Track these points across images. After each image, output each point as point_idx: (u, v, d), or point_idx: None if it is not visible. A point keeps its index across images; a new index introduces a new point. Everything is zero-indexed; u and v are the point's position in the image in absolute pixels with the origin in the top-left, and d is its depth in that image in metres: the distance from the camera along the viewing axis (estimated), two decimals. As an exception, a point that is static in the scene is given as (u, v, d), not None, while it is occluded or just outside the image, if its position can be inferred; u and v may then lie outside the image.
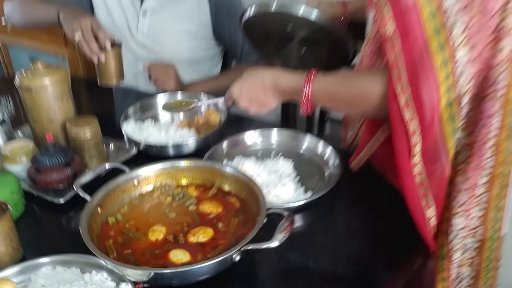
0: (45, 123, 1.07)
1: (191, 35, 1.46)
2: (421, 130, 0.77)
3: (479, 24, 0.73)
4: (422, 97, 0.75)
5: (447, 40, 0.73)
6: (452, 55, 0.74)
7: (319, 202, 0.93)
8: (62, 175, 0.99)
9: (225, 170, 0.91)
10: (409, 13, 0.73)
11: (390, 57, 0.76)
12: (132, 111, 1.24)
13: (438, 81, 0.74)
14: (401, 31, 0.74)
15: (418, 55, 0.74)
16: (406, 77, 0.75)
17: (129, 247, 0.79)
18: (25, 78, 1.04)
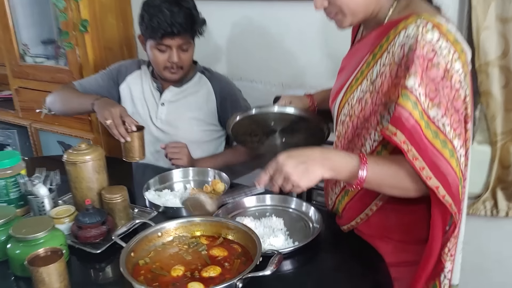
0: (84, 191, 1.34)
1: (201, 121, 1.78)
2: (457, 208, 0.99)
3: (456, 119, 1.00)
4: (449, 182, 0.97)
5: (446, 138, 0.98)
6: (454, 147, 0.98)
7: (303, 250, 1.17)
8: (99, 231, 1.24)
9: (230, 223, 1.17)
10: (415, 130, 0.96)
11: (415, 164, 0.97)
12: (152, 182, 1.52)
13: (454, 167, 0.98)
14: (415, 145, 0.97)
15: (432, 156, 0.97)
16: (433, 175, 0.97)
17: (156, 281, 1.03)
18: (71, 154, 1.32)
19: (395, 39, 1.03)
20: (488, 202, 1.60)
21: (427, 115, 0.97)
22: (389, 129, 0.99)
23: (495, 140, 1.55)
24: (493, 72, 1.50)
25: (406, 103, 0.97)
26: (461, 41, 1.00)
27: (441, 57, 0.97)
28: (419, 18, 0.99)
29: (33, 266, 1.02)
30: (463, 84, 0.99)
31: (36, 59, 2.37)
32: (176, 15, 1.61)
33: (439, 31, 0.97)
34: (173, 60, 1.68)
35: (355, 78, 1.14)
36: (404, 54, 1.00)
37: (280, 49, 1.91)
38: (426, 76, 0.97)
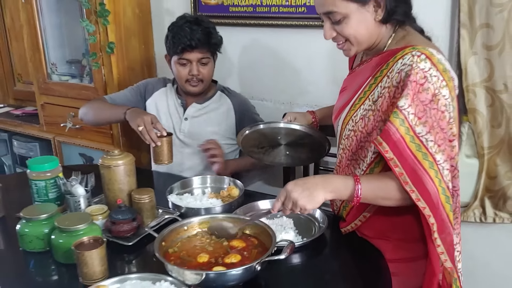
0: (116, 192, 1.50)
1: (220, 135, 1.96)
2: (433, 214, 1.13)
3: (441, 137, 1.16)
4: (427, 190, 1.13)
5: (427, 152, 1.13)
6: (435, 160, 1.13)
7: (311, 245, 1.33)
8: (130, 226, 1.40)
9: (247, 219, 1.33)
10: (399, 142, 1.13)
11: (395, 170, 1.13)
12: (175, 187, 1.68)
13: (432, 177, 1.13)
14: (397, 154, 1.13)
15: (413, 165, 1.12)
16: (410, 180, 1.12)
17: (184, 266, 1.19)
18: (106, 159, 1.50)
19: (394, 66, 1.20)
20: (477, 210, 1.76)
21: (413, 130, 1.13)
22: (377, 139, 1.16)
23: (482, 154, 1.72)
24: (480, 92, 1.68)
25: (395, 120, 1.14)
26: (449, 69, 1.18)
27: (431, 84, 1.14)
28: (415, 49, 1.17)
29: (79, 251, 1.19)
30: (448, 107, 1.16)
31: (62, 77, 2.57)
32: (195, 32, 1.81)
33: (431, 62, 1.15)
34: (193, 73, 1.86)
35: (358, 97, 1.31)
36: (401, 79, 1.17)
37: (288, 71, 2.11)
38: (417, 98, 1.14)
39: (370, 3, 1.21)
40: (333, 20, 1.25)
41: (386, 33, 1.28)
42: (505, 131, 1.68)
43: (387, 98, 1.22)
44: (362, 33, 1.25)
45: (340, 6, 1.21)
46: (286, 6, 1.97)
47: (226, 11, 2.12)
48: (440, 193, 1.15)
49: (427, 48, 1.17)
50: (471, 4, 1.62)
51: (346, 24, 1.23)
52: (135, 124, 1.70)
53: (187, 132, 1.96)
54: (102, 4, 2.09)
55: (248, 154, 1.70)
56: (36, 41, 2.46)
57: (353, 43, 1.27)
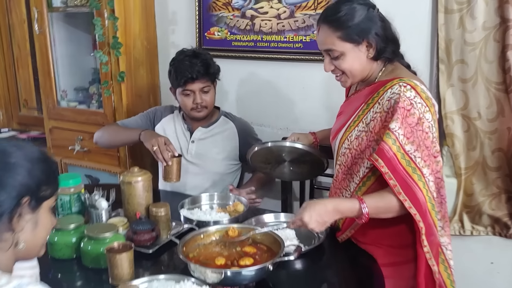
0: (136, 206, 1.66)
1: (224, 157, 2.14)
2: (422, 219, 1.33)
3: (427, 154, 1.37)
4: (418, 199, 1.33)
5: (416, 166, 1.33)
6: (422, 173, 1.34)
7: (312, 253, 1.49)
8: (149, 236, 1.55)
9: (257, 229, 1.51)
10: (392, 159, 1.33)
11: (390, 182, 1.33)
12: (185, 202, 1.84)
13: (420, 188, 1.33)
14: (391, 169, 1.33)
15: (405, 178, 1.32)
16: (402, 191, 1.32)
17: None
18: (126, 176, 1.66)
19: (384, 94, 1.42)
20: (456, 224, 1.96)
21: (403, 149, 1.34)
22: (373, 156, 1.37)
23: (460, 173, 1.93)
24: (457, 119, 1.91)
25: (388, 140, 1.35)
26: (430, 97, 1.41)
27: (416, 109, 1.36)
28: (402, 80, 1.39)
29: (111, 253, 1.34)
30: (431, 128, 1.38)
31: (70, 103, 2.73)
32: (195, 65, 2.00)
33: (415, 91, 1.37)
34: (197, 102, 2.04)
35: (353, 120, 1.52)
36: (391, 105, 1.39)
37: (285, 100, 2.31)
38: (405, 121, 1.35)
39: (363, 44, 1.44)
40: (332, 56, 1.47)
41: (377, 68, 1.50)
42: (479, 153, 1.90)
43: (379, 121, 1.42)
44: (356, 68, 1.47)
45: (338, 45, 1.44)
46: (284, 42, 2.19)
47: (229, 45, 2.33)
48: (427, 201, 1.35)
49: (412, 80, 1.40)
50: (448, 43, 1.87)
51: (343, 60, 1.46)
52: (149, 144, 1.86)
53: (194, 153, 2.14)
54: (116, 37, 2.29)
55: (256, 169, 1.89)
56: (48, 69, 2.63)
57: (348, 76, 1.49)
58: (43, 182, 0.95)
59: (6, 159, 0.91)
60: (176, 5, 2.50)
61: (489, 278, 1.99)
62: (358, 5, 1.43)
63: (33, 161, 0.94)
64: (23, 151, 0.94)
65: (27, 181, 0.92)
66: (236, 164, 2.19)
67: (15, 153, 0.92)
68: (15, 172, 0.90)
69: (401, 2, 1.91)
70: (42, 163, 0.95)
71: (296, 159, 1.83)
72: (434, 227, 1.38)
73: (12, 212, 0.91)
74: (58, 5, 2.57)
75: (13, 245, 0.93)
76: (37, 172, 0.93)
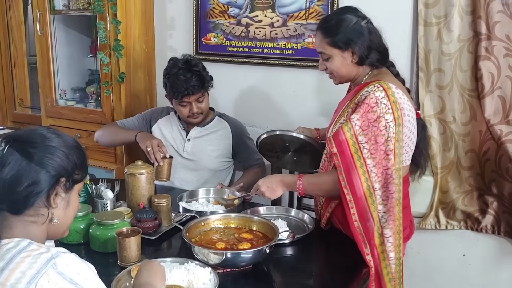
0: (139, 196, 1.78)
1: (218, 154, 2.27)
2: (354, 200, 1.51)
3: (374, 148, 1.52)
4: (353, 182, 1.51)
5: (361, 155, 1.51)
6: (365, 163, 1.51)
7: (301, 241, 1.64)
8: (153, 224, 1.67)
9: (254, 217, 1.65)
10: (343, 143, 1.52)
11: (335, 163, 1.52)
12: (184, 196, 1.97)
13: (359, 174, 1.51)
14: (339, 151, 1.52)
15: (349, 162, 1.51)
16: (343, 173, 1.52)
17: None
18: (131, 168, 1.78)
19: (359, 92, 1.59)
20: (432, 219, 2.13)
21: (356, 138, 1.51)
22: (329, 138, 1.57)
23: (436, 172, 2.11)
24: (434, 122, 2.09)
25: (344, 127, 1.53)
26: (399, 102, 1.53)
27: (379, 109, 1.51)
28: (378, 82, 1.55)
29: (121, 237, 1.46)
30: (388, 128, 1.50)
31: (68, 102, 2.84)
32: (190, 80, 2.08)
33: (385, 93, 1.52)
34: (193, 111, 2.16)
35: (339, 115, 1.68)
36: (359, 101, 1.56)
37: (276, 102, 2.47)
38: (365, 115, 1.52)
39: (348, 50, 1.62)
40: (323, 58, 1.67)
41: (363, 71, 1.67)
42: (454, 154, 2.08)
43: (349, 114, 1.60)
44: (342, 70, 1.67)
45: (327, 49, 1.65)
46: (277, 48, 2.35)
47: (225, 50, 2.48)
48: (364, 188, 1.51)
49: (387, 83, 1.55)
50: (427, 53, 2.05)
51: (331, 62, 1.66)
52: (144, 145, 2.00)
53: (190, 151, 2.27)
54: (117, 40, 2.41)
55: (263, 156, 2.11)
56: (48, 69, 2.74)
57: (336, 77, 1.70)
58: (76, 167, 1.07)
59: (48, 142, 1.03)
60: (174, 11, 2.63)
61: (461, 269, 2.17)
62: (349, 16, 1.62)
63: (69, 147, 1.05)
64: (61, 138, 1.06)
65: (64, 164, 1.03)
66: (228, 161, 2.33)
67: (54, 139, 1.04)
68: (55, 155, 1.02)
69: (385, 15, 2.05)
70: (76, 150, 1.07)
71: (299, 149, 1.99)
72: (369, 213, 1.52)
73: (51, 189, 1.02)
74: (60, 8, 2.68)
75: (48, 220, 1.05)
76: (73, 157, 1.05)
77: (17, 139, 1.03)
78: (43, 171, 1.01)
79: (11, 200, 1.00)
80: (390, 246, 1.54)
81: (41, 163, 1.01)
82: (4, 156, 1.00)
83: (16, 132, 1.08)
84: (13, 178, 0.99)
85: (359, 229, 1.54)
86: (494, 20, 1.89)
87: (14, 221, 1.02)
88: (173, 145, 2.29)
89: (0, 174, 1.00)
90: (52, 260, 0.94)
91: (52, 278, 0.92)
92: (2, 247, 0.98)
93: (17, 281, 0.91)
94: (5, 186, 1.00)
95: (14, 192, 1.00)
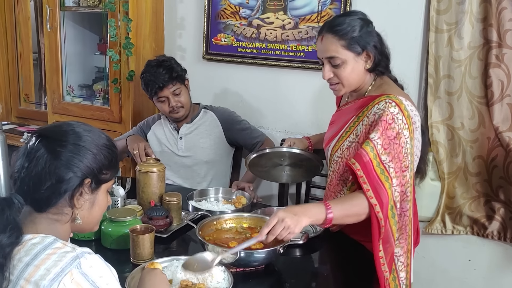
0: (150, 194, 1.79)
1: (212, 145, 2.31)
2: (383, 219, 1.42)
3: (399, 166, 1.48)
4: (383, 203, 1.42)
5: (388, 175, 1.44)
6: (391, 182, 1.44)
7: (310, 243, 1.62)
8: (164, 222, 1.67)
9: (266, 218, 1.65)
10: (368, 164, 1.43)
11: (363, 186, 1.42)
12: (193, 194, 1.98)
13: (389, 195, 1.43)
14: (365, 173, 1.43)
15: (376, 184, 1.42)
16: (374, 196, 1.41)
17: (219, 249, 1.49)
18: (143, 166, 1.79)
19: (372, 109, 1.55)
20: (439, 224, 2.15)
21: (379, 158, 1.47)
22: (351, 160, 1.49)
23: (443, 178, 2.12)
24: (442, 128, 2.10)
25: (366, 147, 1.47)
26: (412, 115, 1.52)
27: (397, 125, 1.49)
28: (388, 97, 1.52)
29: (135, 234, 1.47)
30: (405, 144, 1.49)
31: (74, 99, 2.84)
32: (159, 74, 2.16)
33: (399, 108, 1.50)
34: (172, 105, 2.21)
35: (344, 131, 1.65)
36: (374, 119, 1.52)
37: (285, 104, 2.47)
38: (385, 133, 1.48)
39: (363, 54, 1.58)
40: (333, 64, 1.58)
41: (368, 80, 1.63)
42: (461, 160, 2.10)
43: (364, 133, 1.56)
44: (353, 77, 1.59)
45: (341, 53, 1.56)
46: (287, 50, 2.36)
47: (235, 51, 2.49)
48: (389, 209, 1.45)
49: (398, 97, 1.53)
50: (437, 59, 2.07)
51: (343, 68, 1.57)
52: (131, 148, 2.14)
53: (184, 148, 2.31)
54: (128, 38, 2.41)
55: (254, 174, 2.02)
56: (56, 65, 2.74)
57: (344, 85, 1.61)
58: (104, 167, 1.06)
59: (77, 141, 1.02)
60: (185, 11, 2.64)
61: (466, 274, 2.18)
62: (359, 20, 1.58)
63: (99, 147, 1.04)
64: (91, 136, 1.04)
65: (91, 165, 1.02)
66: (225, 150, 2.36)
67: (85, 137, 1.03)
68: (83, 156, 1.01)
69: (396, 20, 2.10)
70: (106, 149, 1.06)
71: (293, 163, 1.94)
72: (391, 235, 1.48)
73: (75, 190, 1.02)
74: (70, 5, 2.68)
75: (71, 219, 1.05)
76: (101, 157, 1.04)
77: (47, 135, 1.03)
78: (69, 172, 1.00)
79: (35, 198, 1.01)
80: (400, 266, 1.54)
81: (67, 163, 1.00)
82: (33, 152, 1.00)
83: (49, 127, 1.08)
84: (38, 176, 0.99)
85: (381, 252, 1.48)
86: (506, 28, 1.91)
87: (38, 217, 1.02)
88: (168, 147, 2.34)
89: (26, 170, 1.00)
90: (77, 259, 0.94)
91: (76, 278, 0.92)
92: (27, 242, 0.98)
93: (41, 277, 0.91)
94: (30, 183, 1.00)
95: (38, 190, 1.00)
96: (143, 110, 2.61)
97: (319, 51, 1.63)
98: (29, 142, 1.02)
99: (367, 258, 1.58)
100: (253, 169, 1.97)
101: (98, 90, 2.82)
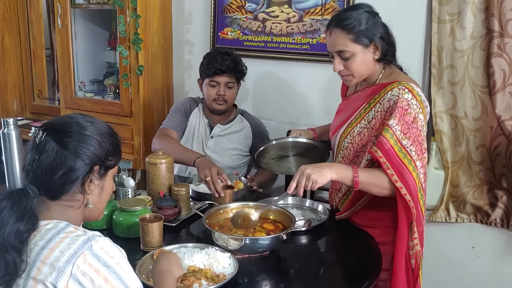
0: (159, 185, 1.85)
1: (239, 151, 2.35)
2: (414, 206, 1.51)
3: (420, 149, 1.56)
4: (410, 186, 1.50)
5: (411, 159, 1.51)
6: (415, 165, 1.52)
7: (315, 230, 1.70)
8: (173, 211, 1.73)
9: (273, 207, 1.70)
10: (389, 151, 1.51)
11: (387, 172, 1.51)
12: (193, 179, 2.05)
13: (414, 178, 1.51)
14: (388, 159, 1.51)
15: (400, 168, 1.50)
16: (399, 179, 1.49)
17: (226, 237, 1.55)
18: (152, 157, 1.85)
19: (384, 96, 1.60)
20: (443, 212, 2.18)
21: (400, 143, 1.53)
22: (373, 148, 1.55)
23: (447, 166, 2.15)
24: (445, 118, 2.13)
25: (386, 134, 1.53)
26: (424, 100, 1.60)
27: (412, 110, 1.54)
28: (400, 84, 1.58)
29: (144, 223, 1.53)
30: (422, 128, 1.57)
31: (86, 94, 2.92)
32: (225, 60, 2.21)
33: (412, 94, 1.56)
34: (220, 93, 2.24)
35: (354, 118, 1.70)
36: (390, 105, 1.57)
37: (291, 97, 2.52)
38: (402, 119, 1.54)
39: (371, 46, 1.62)
40: (342, 57, 1.63)
41: (377, 70, 1.68)
42: (465, 149, 2.12)
43: (379, 119, 1.61)
44: (363, 68, 1.64)
45: (350, 47, 1.60)
46: (292, 43, 2.40)
47: (241, 45, 2.53)
48: (418, 191, 1.54)
49: (409, 83, 1.59)
50: (440, 49, 2.09)
51: (353, 60, 1.62)
52: (202, 174, 1.89)
53: (212, 148, 2.33)
54: (137, 33, 2.48)
55: (261, 166, 2.02)
56: (68, 61, 2.81)
57: (355, 76, 1.66)
58: (110, 154, 1.13)
59: (82, 131, 1.08)
60: (192, 6, 2.70)
61: (470, 261, 2.22)
62: (365, 13, 1.62)
63: (103, 135, 1.11)
64: (95, 126, 1.11)
65: (98, 152, 1.09)
66: (246, 157, 2.40)
67: (89, 127, 1.09)
68: (89, 144, 1.08)
69: (400, 11, 2.12)
70: (110, 137, 1.13)
71: (300, 153, 1.98)
72: (422, 216, 1.57)
73: (85, 177, 1.09)
74: (80, 2, 2.75)
75: (83, 205, 1.12)
76: (106, 145, 1.11)
77: (54, 128, 1.09)
78: (78, 160, 1.06)
79: (48, 187, 1.07)
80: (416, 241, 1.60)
81: (75, 152, 1.06)
82: (42, 144, 1.07)
83: (53, 120, 1.14)
84: (50, 166, 1.05)
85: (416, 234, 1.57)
86: (507, 18, 1.93)
87: (52, 205, 1.09)
88: (197, 139, 2.35)
89: (38, 162, 1.06)
90: (89, 242, 1.00)
91: (88, 259, 0.99)
92: (41, 227, 1.05)
93: (56, 259, 0.98)
94: (42, 173, 1.06)
95: (51, 179, 1.06)
96: (152, 104, 2.68)
97: (328, 45, 1.67)
98: (37, 135, 1.09)
99: (371, 245, 1.64)
100: (260, 162, 1.99)
101: (109, 85, 2.89)
